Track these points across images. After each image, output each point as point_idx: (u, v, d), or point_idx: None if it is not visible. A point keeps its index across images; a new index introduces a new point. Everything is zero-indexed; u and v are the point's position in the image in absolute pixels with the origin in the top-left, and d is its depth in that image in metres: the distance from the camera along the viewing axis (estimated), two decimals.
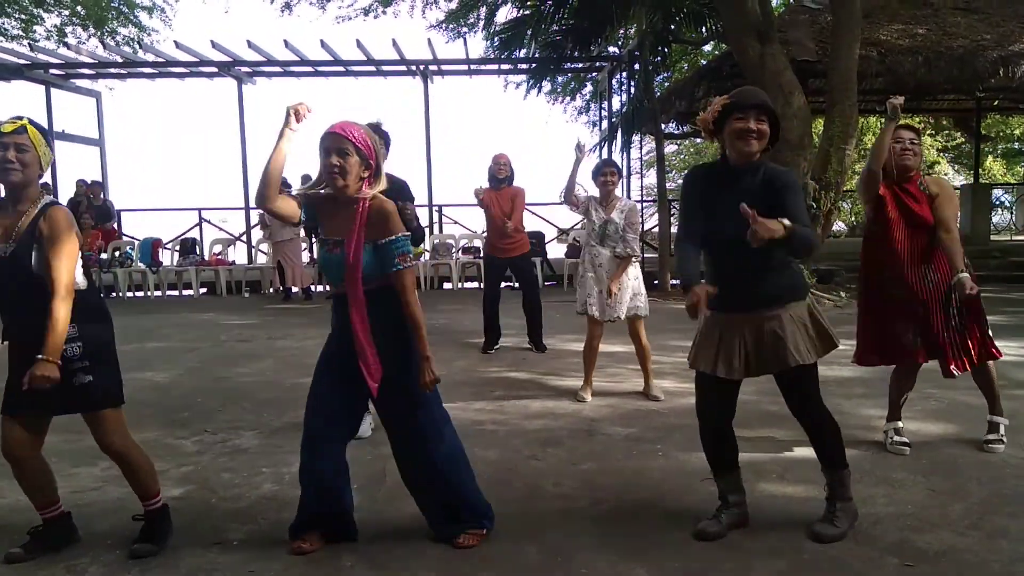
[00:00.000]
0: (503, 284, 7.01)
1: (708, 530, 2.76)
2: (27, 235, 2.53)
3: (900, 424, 3.76)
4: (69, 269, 2.51)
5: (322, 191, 2.64)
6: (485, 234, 6.94)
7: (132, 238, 12.86)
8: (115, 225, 12.72)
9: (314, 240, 2.71)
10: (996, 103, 15.50)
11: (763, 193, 2.59)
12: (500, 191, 6.45)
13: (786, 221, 2.44)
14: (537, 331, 6.67)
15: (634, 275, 4.90)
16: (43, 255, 2.51)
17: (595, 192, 4.99)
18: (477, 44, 29.13)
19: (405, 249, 2.59)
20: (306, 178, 11.74)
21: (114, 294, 11.39)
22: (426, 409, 2.68)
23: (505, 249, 6.51)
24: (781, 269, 2.68)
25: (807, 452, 3.59)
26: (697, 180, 2.80)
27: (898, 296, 3.57)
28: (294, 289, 10.81)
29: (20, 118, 2.59)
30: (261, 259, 12.90)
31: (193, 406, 4.80)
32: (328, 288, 12.27)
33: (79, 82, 14.11)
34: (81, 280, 2.62)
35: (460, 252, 12.54)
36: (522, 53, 12.87)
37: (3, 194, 2.62)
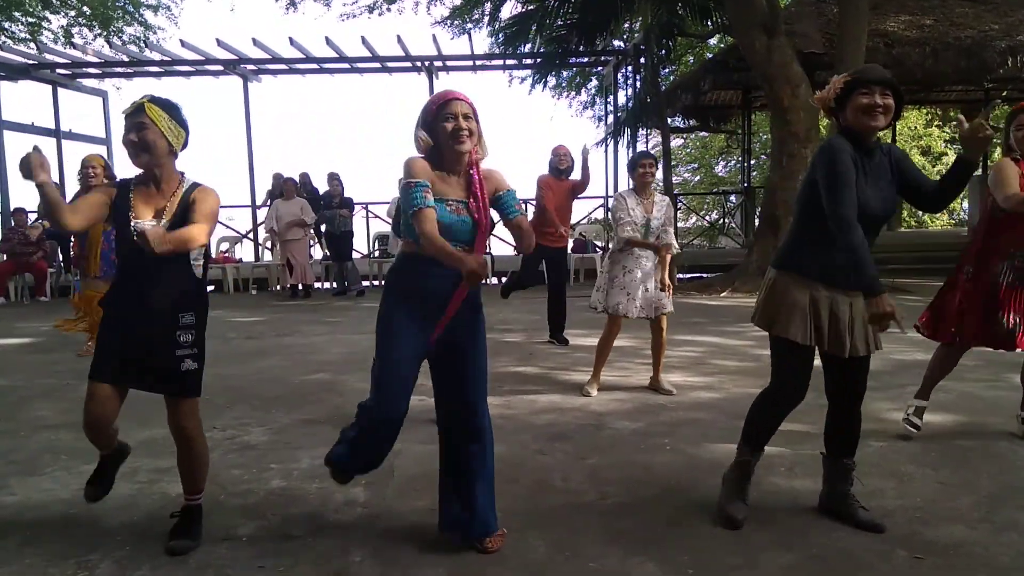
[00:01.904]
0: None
1: (739, 516, 2.77)
2: (179, 215, 2.55)
3: (925, 403, 3.78)
4: (205, 232, 2.53)
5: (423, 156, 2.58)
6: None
7: None
8: None
9: (424, 189, 2.54)
10: (1005, 93, 15.41)
11: (892, 169, 2.65)
12: (561, 182, 6.48)
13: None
14: (561, 325, 6.70)
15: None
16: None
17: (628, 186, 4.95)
18: (482, 40, 29.12)
19: (516, 199, 2.67)
20: (278, 176, 11.74)
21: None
22: (480, 372, 2.65)
23: (552, 238, 6.46)
24: None
25: (814, 447, 3.59)
26: (848, 152, 2.57)
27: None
28: (300, 287, 10.85)
29: (143, 98, 2.57)
30: (268, 256, 12.93)
31: (202, 403, 4.78)
32: (337, 285, 12.25)
33: (86, 82, 14.17)
34: (200, 261, 2.66)
35: None
36: (527, 48, 12.88)
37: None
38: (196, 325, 2.65)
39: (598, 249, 12.42)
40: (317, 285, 11.58)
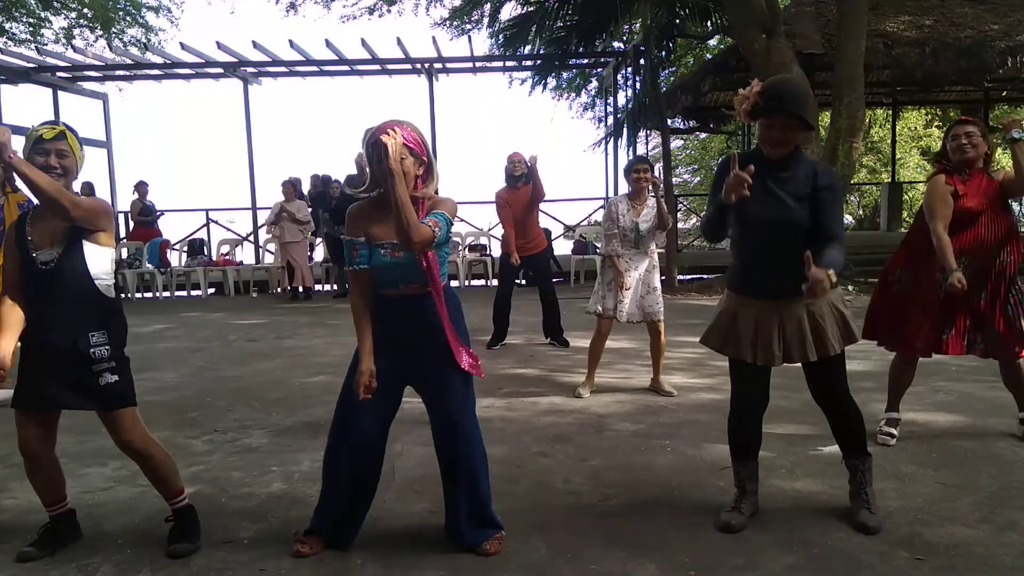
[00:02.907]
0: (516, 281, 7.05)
1: (732, 522, 2.77)
2: (73, 237, 2.59)
3: (897, 415, 3.77)
4: (81, 203, 2.54)
5: (371, 194, 2.59)
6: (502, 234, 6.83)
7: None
8: (157, 225, 12.57)
9: (357, 247, 2.56)
10: (1004, 94, 15.42)
11: (805, 185, 2.61)
12: (517, 190, 6.45)
13: (832, 273, 2.44)
14: (557, 325, 6.69)
15: (655, 276, 4.89)
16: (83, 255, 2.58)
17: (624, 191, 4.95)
18: (481, 42, 29.16)
19: (437, 216, 2.50)
20: (315, 177, 11.74)
21: (123, 295, 11.45)
22: (455, 393, 2.64)
23: (525, 248, 6.50)
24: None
25: (816, 448, 3.59)
26: (733, 166, 2.66)
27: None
28: (300, 289, 10.86)
29: (56, 123, 2.65)
30: (268, 259, 12.94)
31: (202, 406, 4.82)
32: (337, 287, 12.21)
33: (86, 85, 14.18)
34: (109, 280, 2.67)
35: (467, 250, 12.55)
36: (527, 50, 12.87)
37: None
38: (110, 342, 2.63)
39: (598, 251, 12.41)
40: (317, 287, 11.58)
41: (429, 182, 2.60)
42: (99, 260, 2.64)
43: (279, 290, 11.73)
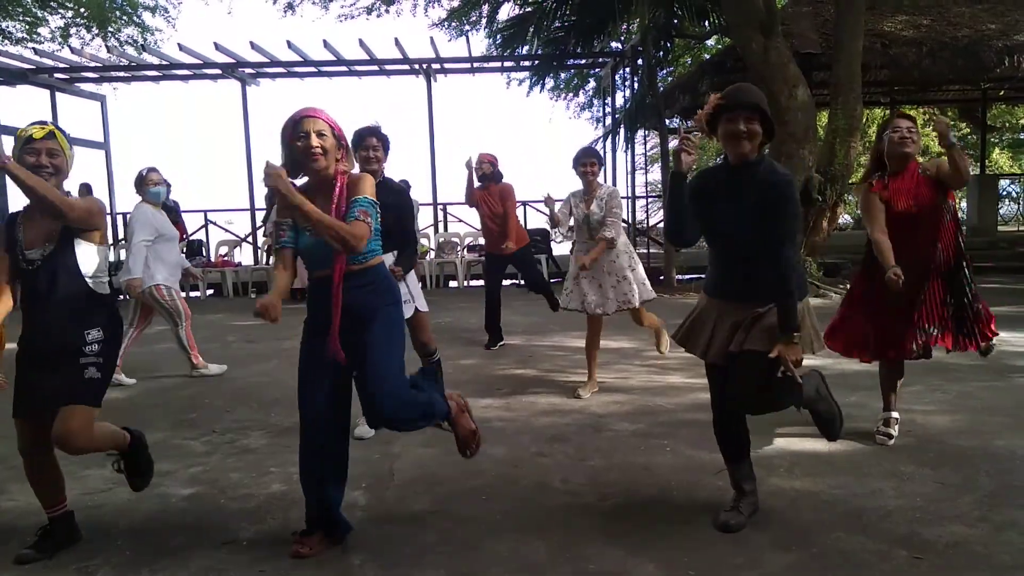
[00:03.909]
0: (506, 282, 7.07)
1: (731, 522, 2.77)
2: (65, 236, 2.61)
3: (893, 415, 3.78)
4: (76, 204, 2.58)
5: (293, 180, 2.61)
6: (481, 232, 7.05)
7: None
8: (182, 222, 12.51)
9: (284, 228, 2.62)
10: (1002, 93, 15.43)
11: (758, 196, 2.60)
12: (487, 189, 6.56)
13: (793, 336, 2.58)
14: (551, 295, 6.74)
15: (626, 264, 4.80)
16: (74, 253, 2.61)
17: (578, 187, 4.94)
18: (479, 42, 29.13)
19: (363, 206, 2.56)
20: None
21: (122, 297, 11.42)
22: (377, 348, 2.63)
23: (500, 246, 6.55)
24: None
25: (814, 446, 3.60)
26: (691, 190, 2.76)
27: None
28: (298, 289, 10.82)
29: (45, 123, 2.66)
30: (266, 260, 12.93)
31: (201, 407, 4.82)
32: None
33: (84, 86, 14.16)
34: (103, 277, 2.70)
35: (465, 250, 12.54)
36: (525, 50, 12.85)
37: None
38: (104, 340, 2.66)
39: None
40: None
41: (346, 162, 2.69)
42: (92, 258, 2.65)
43: None
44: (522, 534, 2.77)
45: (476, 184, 6.66)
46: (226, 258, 12.72)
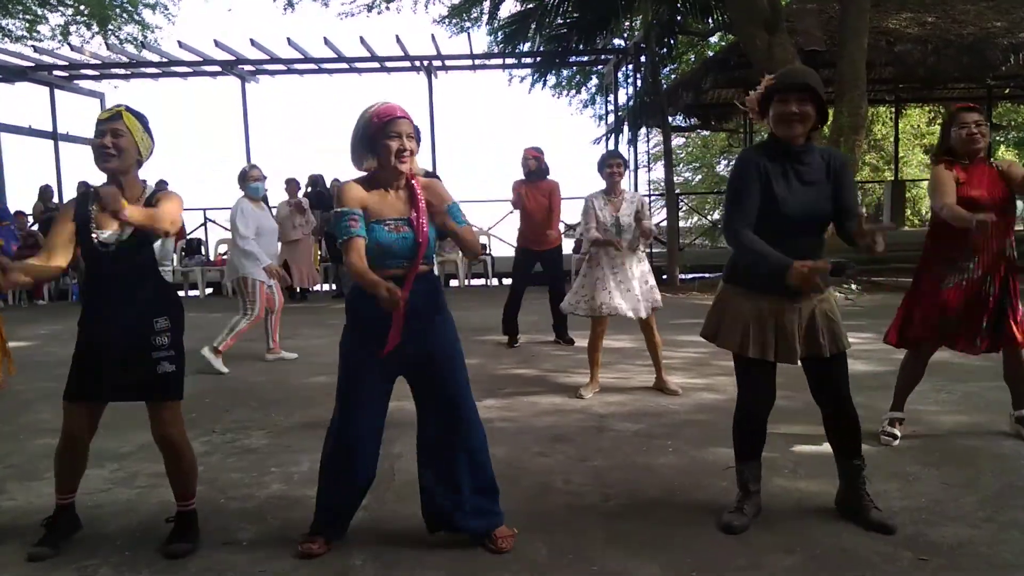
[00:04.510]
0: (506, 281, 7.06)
1: (735, 523, 2.74)
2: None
3: (899, 415, 3.75)
4: (174, 218, 2.59)
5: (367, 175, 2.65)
6: (519, 227, 6.87)
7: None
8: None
9: (354, 218, 2.52)
10: (1007, 91, 15.39)
11: (822, 172, 2.62)
12: (534, 185, 6.53)
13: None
14: (563, 323, 6.70)
15: (648, 269, 4.90)
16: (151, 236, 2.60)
17: (601, 186, 4.93)
18: (481, 39, 29.12)
19: (457, 212, 2.67)
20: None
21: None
22: (459, 386, 2.69)
23: (542, 242, 6.55)
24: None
25: (818, 448, 3.57)
26: (757, 162, 2.64)
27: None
28: (298, 289, 10.82)
29: (119, 106, 2.63)
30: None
31: (201, 406, 4.80)
32: (336, 287, 12.13)
33: (83, 83, 14.15)
34: (170, 266, 2.71)
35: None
36: (526, 47, 12.84)
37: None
38: (171, 328, 2.66)
39: (579, 252, 12.38)
40: (316, 288, 11.53)
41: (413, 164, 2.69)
42: (163, 246, 2.66)
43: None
44: (523, 534, 2.75)
45: (521, 179, 6.60)
46: (225, 257, 12.69)
